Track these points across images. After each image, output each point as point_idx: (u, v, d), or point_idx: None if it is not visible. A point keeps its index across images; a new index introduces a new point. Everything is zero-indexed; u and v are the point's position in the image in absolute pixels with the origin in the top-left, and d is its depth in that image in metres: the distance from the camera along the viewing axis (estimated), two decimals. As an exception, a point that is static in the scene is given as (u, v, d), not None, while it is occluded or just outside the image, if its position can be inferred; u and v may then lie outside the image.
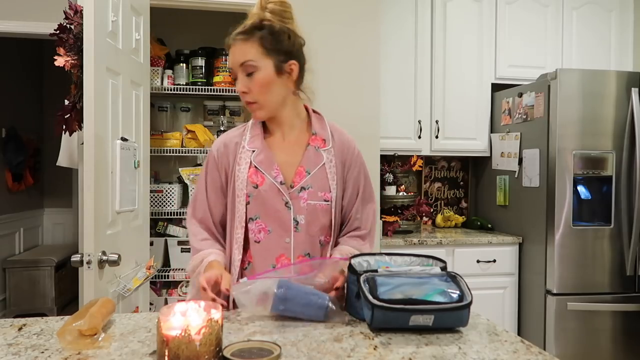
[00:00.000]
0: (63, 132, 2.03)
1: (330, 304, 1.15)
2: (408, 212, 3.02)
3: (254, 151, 1.28)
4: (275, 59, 1.23)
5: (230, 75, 1.32)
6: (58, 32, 1.89)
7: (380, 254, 1.29)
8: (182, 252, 2.89)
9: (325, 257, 1.28)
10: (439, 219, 3.33)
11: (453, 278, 1.15)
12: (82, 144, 1.77)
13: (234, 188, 1.28)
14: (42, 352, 0.96)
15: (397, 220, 2.91)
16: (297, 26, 1.30)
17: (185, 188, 2.93)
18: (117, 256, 1.75)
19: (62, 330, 0.98)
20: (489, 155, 3.20)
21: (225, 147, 1.32)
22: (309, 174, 1.27)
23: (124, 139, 1.97)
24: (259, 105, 1.25)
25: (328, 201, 1.27)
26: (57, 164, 2.47)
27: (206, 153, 2.90)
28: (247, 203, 1.26)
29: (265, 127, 1.34)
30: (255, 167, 1.26)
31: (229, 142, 1.32)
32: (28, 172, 4.57)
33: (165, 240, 2.92)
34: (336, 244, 1.35)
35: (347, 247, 1.31)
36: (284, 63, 1.25)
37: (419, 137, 3.07)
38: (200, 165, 3.09)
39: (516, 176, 2.92)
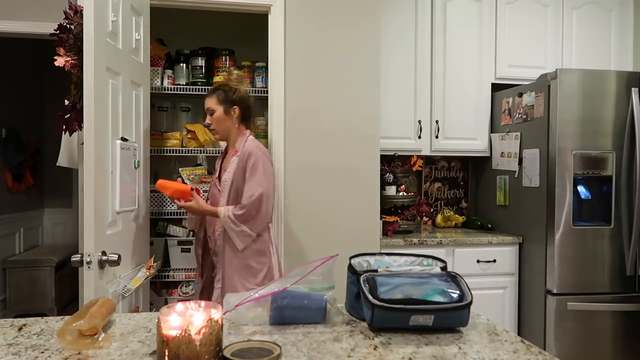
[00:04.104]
0: (63, 132, 2.03)
1: (328, 305, 1.15)
2: (408, 212, 3.02)
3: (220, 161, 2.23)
4: (225, 106, 2.12)
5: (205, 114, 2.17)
6: (58, 32, 1.89)
7: (380, 254, 1.30)
8: (182, 252, 2.90)
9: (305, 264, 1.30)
10: (439, 219, 3.33)
11: (453, 278, 1.15)
12: (82, 144, 1.77)
13: None
14: (42, 352, 0.96)
15: (397, 220, 2.91)
16: (245, 87, 2.23)
17: (185, 188, 2.93)
18: (117, 256, 1.74)
19: (62, 330, 0.98)
20: (489, 155, 3.20)
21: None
22: (226, 171, 2.10)
23: (124, 139, 1.97)
24: (216, 131, 2.16)
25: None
26: (57, 164, 2.47)
27: (206, 153, 2.91)
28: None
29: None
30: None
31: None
32: (28, 172, 4.57)
33: (165, 240, 2.92)
34: None
35: (228, 207, 2.04)
36: (230, 108, 2.12)
37: (419, 137, 3.07)
38: (200, 165, 3.09)
39: (516, 176, 2.93)
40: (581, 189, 2.62)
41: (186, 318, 0.87)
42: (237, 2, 2.50)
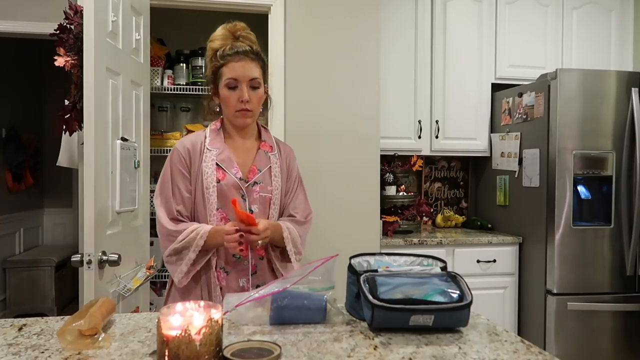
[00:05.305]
0: (63, 132, 2.03)
1: (328, 305, 1.15)
2: (408, 212, 3.02)
3: (216, 151, 1.50)
4: (264, 80, 1.53)
5: (228, 83, 1.46)
6: (58, 32, 1.89)
7: (380, 254, 1.30)
8: (182, 252, 2.89)
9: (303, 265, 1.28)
10: (439, 219, 3.33)
11: (453, 278, 1.15)
12: (82, 144, 1.77)
13: (202, 181, 1.47)
14: (42, 352, 0.96)
15: (397, 220, 2.91)
16: None
17: (185, 188, 2.93)
18: (117, 256, 1.75)
19: (62, 330, 0.98)
20: (489, 155, 3.20)
21: (193, 147, 1.51)
22: (260, 171, 1.52)
23: (124, 139, 1.97)
24: (252, 113, 1.50)
25: (270, 194, 1.53)
26: (57, 164, 2.47)
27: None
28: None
29: (223, 132, 1.56)
30: (218, 164, 1.48)
31: (195, 142, 1.52)
32: (28, 172, 4.57)
33: (165, 240, 2.91)
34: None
35: (287, 222, 1.54)
36: (265, 85, 1.54)
37: (419, 137, 3.07)
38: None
39: (516, 176, 2.92)
40: (581, 189, 2.62)
41: (186, 318, 0.87)
42: (237, 2, 2.50)
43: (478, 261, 2.82)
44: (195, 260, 1.42)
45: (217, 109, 1.56)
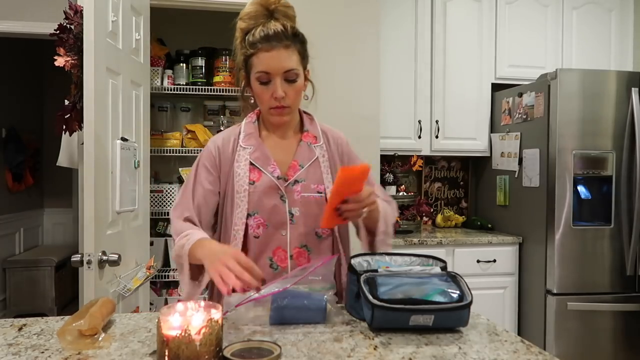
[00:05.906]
0: (63, 132, 2.03)
1: (328, 305, 1.15)
2: (408, 212, 3.02)
3: (250, 149, 1.31)
4: (304, 67, 1.32)
5: (259, 77, 1.24)
6: (58, 32, 1.89)
7: (381, 254, 1.30)
8: (182, 252, 2.89)
9: (305, 264, 1.26)
10: (439, 219, 3.33)
11: (453, 278, 1.15)
12: (82, 144, 1.77)
13: (232, 185, 1.28)
14: (42, 352, 0.96)
15: (397, 220, 2.91)
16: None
17: (185, 188, 2.93)
18: (117, 256, 1.75)
19: (62, 330, 0.98)
20: (489, 155, 3.20)
21: (224, 145, 1.32)
22: (302, 167, 1.31)
23: (124, 139, 1.97)
24: (290, 110, 1.29)
25: (321, 193, 1.30)
26: (57, 164, 2.47)
27: (206, 153, 2.89)
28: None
29: (258, 125, 1.37)
30: (252, 163, 1.29)
31: (227, 140, 1.33)
32: (28, 172, 4.57)
33: (165, 240, 2.92)
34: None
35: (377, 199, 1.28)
36: (305, 70, 1.33)
37: (419, 137, 3.07)
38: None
39: (516, 176, 2.92)
40: (581, 189, 2.62)
41: (186, 318, 0.87)
42: (237, 2, 2.49)
43: (478, 261, 2.82)
44: (192, 275, 1.18)
45: (252, 101, 1.35)
